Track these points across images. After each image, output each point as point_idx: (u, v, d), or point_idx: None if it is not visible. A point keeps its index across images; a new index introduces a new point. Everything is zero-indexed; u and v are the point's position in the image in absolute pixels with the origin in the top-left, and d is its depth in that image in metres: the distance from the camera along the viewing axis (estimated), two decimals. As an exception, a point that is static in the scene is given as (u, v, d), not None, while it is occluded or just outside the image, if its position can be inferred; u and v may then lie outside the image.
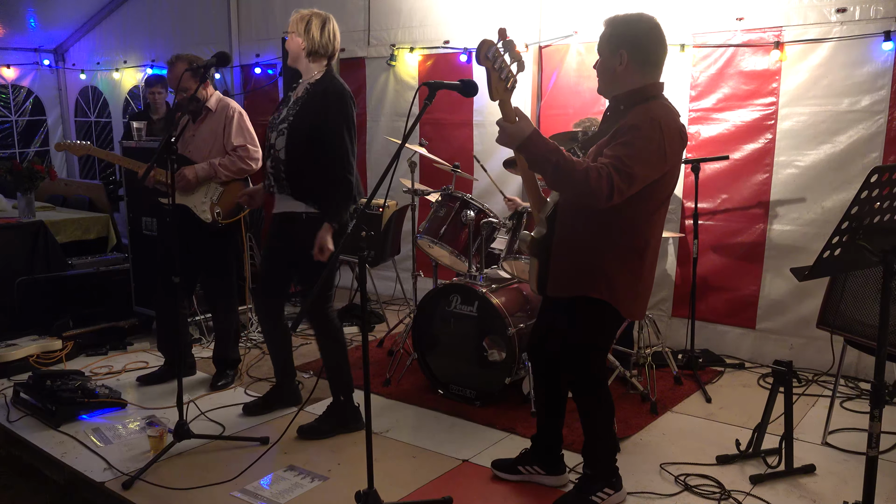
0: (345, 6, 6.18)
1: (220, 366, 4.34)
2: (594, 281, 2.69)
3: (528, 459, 3.15)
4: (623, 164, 2.45)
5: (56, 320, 4.85)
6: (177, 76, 4.01)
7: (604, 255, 2.67)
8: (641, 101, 2.62)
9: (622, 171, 2.44)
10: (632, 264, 2.70)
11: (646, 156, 2.50)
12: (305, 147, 3.37)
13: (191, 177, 4.00)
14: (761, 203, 4.53)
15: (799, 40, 4.31)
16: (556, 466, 3.12)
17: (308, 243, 3.35)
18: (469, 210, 4.01)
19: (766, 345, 4.60)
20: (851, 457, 3.35)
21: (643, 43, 2.62)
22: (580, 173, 2.43)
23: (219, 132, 4.09)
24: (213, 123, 4.09)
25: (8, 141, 8.95)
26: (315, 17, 3.42)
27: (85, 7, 8.39)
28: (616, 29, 2.65)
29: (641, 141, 2.49)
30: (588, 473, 2.94)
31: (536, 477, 3.12)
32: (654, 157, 2.52)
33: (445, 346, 4.01)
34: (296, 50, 3.43)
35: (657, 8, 4.69)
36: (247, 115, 4.17)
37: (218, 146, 4.10)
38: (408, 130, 2.57)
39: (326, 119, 3.35)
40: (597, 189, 2.42)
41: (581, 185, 2.43)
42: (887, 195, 2.17)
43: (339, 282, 6.11)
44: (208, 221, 4.09)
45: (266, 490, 3.07)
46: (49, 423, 3.70)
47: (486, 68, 2.43)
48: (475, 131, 5.69)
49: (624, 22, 2.65)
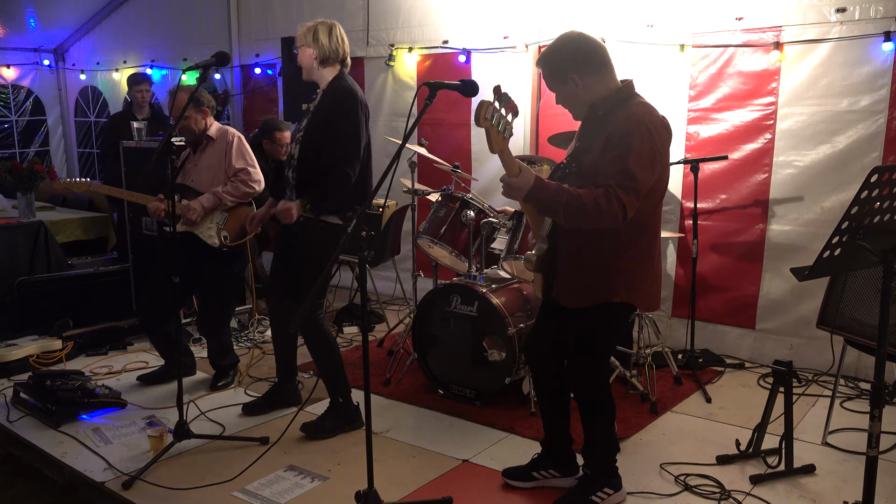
0: (343, 6, 6.18)
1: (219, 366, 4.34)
2: (612, 286, 2.71)
3: (542, 464, 3.11)
4: (626, 179, 2.49)
5: (56, 320, 4.85)
6: (179, 106, 3.97)
7: (617, 259, 2.70)
8: (619, 102, 2.66)
9: (627, 187, 2.48)
10: (644, 262, 2.75)
11: (644, 163, 2.53)
12: (317, 150, 3.42)
13: (200, 210, 4.02)
14: (760, 203, 4.53)
15: (798, 40, 4.31)
16: (571, 466, 3.11)
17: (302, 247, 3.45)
18: (469, 210, 4.01)
19: (766, 345, 4.60)
20: (851, 457, 3.35)
21: (581, 57, 2.67)
22: (591, 206, 2.47)
23: (220, 160, 4.09)
24: (214, 151, 4.09)
25: (8, 141, 8.95)
26: (320, 25, 3.48)
27: (85, 7, 8.39)
28: (551, 62, 2.70)
29: (637, 149, 2.52)
30: (588, 473, 2.94)
31: (552, 481, 3.09)
32: (651, 160, 2.56)
33: (445, 346, 4.01)
34: (308, 61, 3.48)
35: (657, 8, 4.72)
36: (245, 140, 4.17)
37: (220, 173, 4.10)
38: (409, 130, 2.57)
39: (332, 116, 3.40)
40: (609, 214, 2.47)
41: (595, 216, 2.48)
42: (887, 195, 2.17)
43: (339, 282, 6.12)
44: (216, 246, 4.08)
45: (266, 490, 3.07)
46: (49, 423, 3.70)
47: (485, 128, 2.43)
48: (473, 131, 5.69)
49: (553, 53, 2.71)
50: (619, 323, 2.85)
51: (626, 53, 4.86)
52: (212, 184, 4.09)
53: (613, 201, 2.46)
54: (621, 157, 2.51)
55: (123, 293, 5.27)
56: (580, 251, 2.73)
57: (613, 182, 2.48)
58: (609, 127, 2.60)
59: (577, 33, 2.71)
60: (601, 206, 2.45)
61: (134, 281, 5.24)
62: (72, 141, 9.39)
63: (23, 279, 5.00)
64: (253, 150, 4.21)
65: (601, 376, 2.88)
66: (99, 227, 6.26)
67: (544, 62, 2.72)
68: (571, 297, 2.78)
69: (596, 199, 2.46)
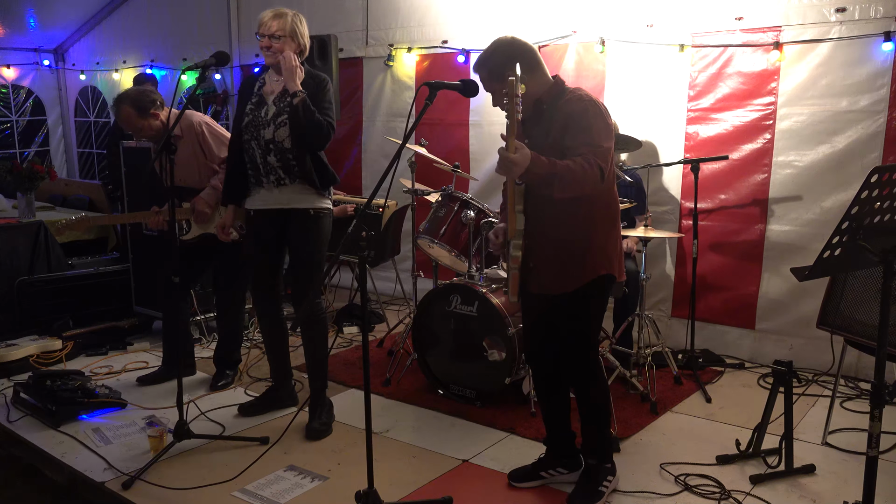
0: (343, 6, 6.18)
1: (220, 366, 4.34)
2: (595, 261, 2.84)
3: (548, 463, 3.14)
4: (595, 145, 2.67)
5: (56, 320, 4.85)
6: (125, 119, 3.92)
7: (594, 234, 2.83)
8: (560, 94, 2.84)
9: (598, 152, 2.66)
10: (613, 231, 2.90)
11: (606, 131, 2.74)
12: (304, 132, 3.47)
13: (206, 209, 4.00)
14: (760, 203, 4.54)
15: (798, 40, 4.31)
16: (576, 461, 3.13)
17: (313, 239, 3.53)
18: (469, 210, 4.01)
19: (766, 345, 4.60)
20: (851, 457, 3.35)
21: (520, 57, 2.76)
22: (579, 171, 2.60)
23: (196, 151, 4.03)
24: (186, 145, 4.00)
25: (8, 141, 8.95)
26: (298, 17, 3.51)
27: (85, 7, 8.39)
28: (489, 64, 2.82)
29: (596, 120, 2.72)
30: (591, 464, 2.99)
31: (560, 478, 3.12)
32: (609, 129, 2.76)
33: (445, 346, 4.01)
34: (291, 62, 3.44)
35: (656, 8, 4.72)
36: (213, 123, 4.11)
37: (201, 163, 4.06)
38: (409, 130, 2.57)
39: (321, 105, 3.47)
40: (592, 175, 2.62)
41: (583, 180, 2.61)
42: (887, 195, 2.17)
43: (339, 282, 6.12)
44: (236, 239, 3.99)
45: (266, 490, 3.07)
46: (49, 423, 3.70)
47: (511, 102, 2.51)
48: (471, 131, 5.69)
49: (489, 54, 2.84)
50: (605, 295, 2.97)
51: (626, 53, 4.86)
52: (198, 176, 4.05)
53: (592, 163, 2.62)
54: (586, 128, 2.70)
55: (123, 293, 5.27)
56: (558, 237, 2.83)
57: (587, 150, 2.65)
58: (563, 111, 2.77)
59: (510, 37, 2.87)
60: (586, 170, 2.60)
61: (134, 281, 5.24)
62: (72, 141, 9.39)
63: (23, 279, 5.00)
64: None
65: (594, 357, 2.96)
66: (99, 227, 6.26)
67: (482, 66, 2.85)
68: (556, 284, 2.86)
69: (582, 165, 2.61)
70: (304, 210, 3.55)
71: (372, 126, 6.29)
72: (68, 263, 5.58)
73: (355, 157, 6.41)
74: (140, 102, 3.92)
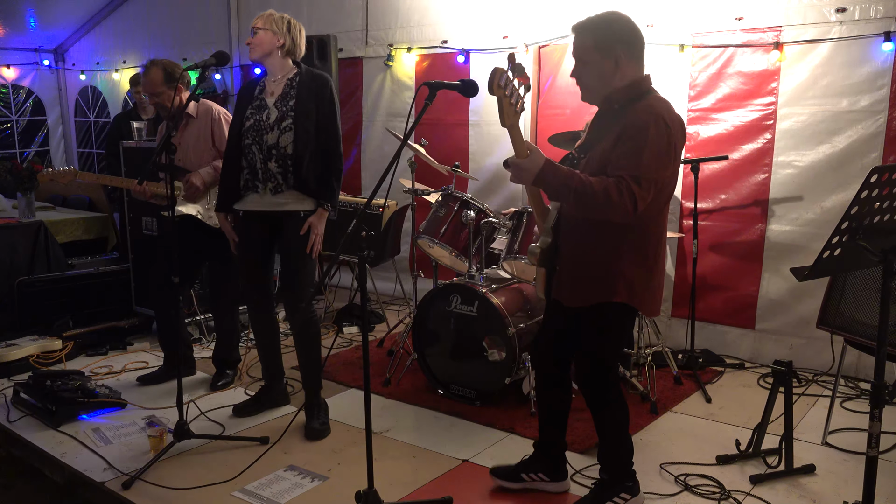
0: (342, 6, 6.18)
1: (220, 366, 4.34)
2: (613, 286, 2.62)
3: (531, 466, 3.07)
4: (639, 171, 2.39)
5: (56, 320, 4.85)
6: (151, 78, 3.94)
7: (619, 258, 2.61)
8: (637, 97, 2.56)
9: (640, 178, 2.38)
10: (647, 263, 2.64)
11: (659, 157, 2.43)
12: (313, 138, 3.47)
13: (199, 184, 3.95)
14: (760, 203, 4.53)
15: (798, 40, 4.31)
16: (560, 471, 3.07)
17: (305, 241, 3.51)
18: (469, 210, 4.01)
19: (766, 345, 4.60)
20: (851, 457, 3.35)
21: (632, 39, 2.59)
22: (601, 195, 2.37)
23: (206, 135, 4.03)
24: (197, 128, 4.03)
25: (8, 141, 8.95)
26: (294, 20, 3.54)
27: (85, 7, 8.39)
28: (599, 33, 2.58)
29: (652, 142, 2.41)
30: (604, 479, 2.88)
31: (540, 484, 3.06)
32: (666, 156, 2.47)
33: (445, 346, 4.01)
34: (270, 45, 3.47)
35: (657, 8, 4.72)
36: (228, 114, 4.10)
37: (206, 149, 4.04)
38: (409, 130, 2.57)
39: (323, 107, 3.48)
40: (620, 205, 2.37)
41: (604, 205, 2.38)
42: (887, 195, 2.17)
43: (339, 282, 6.12)
44: (217, 227, 4.00)
45: (266, 490, 3.07)
46: (49, 423, 3.70)
47: (497, 97, 2.37)
48: (471, 131, 5.68)
49: (606, 23, 2.59)
50: (622, 324, 2.76)
51: (626, 53, 4.86)
52: (198, 161, 4.02)
53: (624, 192, 2.36)
54: (636, 148, 2.41)
55: (123, 293, 5.26)
56: (582, 249, 2.66)
57: (626, 173, 2.38)
58: (624, 120, 2.49)
59: (627, 16, 2.59)
60: (611, 197, 2.35)
61: (134, 281, 5.24)
62: (72, 141, 9.39)
63: (23, 279, 5.00)
64: None
65: (610, 377, 2.78)
66: (99, 227, 6.27)
67: (590, 31, 2.57)
68: (570, 296, 2.74)
69: (607, 189, 2.36)
70: (295, 212, 3.53)
71: (371, 126, 6.28)
72: (68, 263, 5.58)
73: (355, 157, 6.41)
74: (172, 69, 3.99)
